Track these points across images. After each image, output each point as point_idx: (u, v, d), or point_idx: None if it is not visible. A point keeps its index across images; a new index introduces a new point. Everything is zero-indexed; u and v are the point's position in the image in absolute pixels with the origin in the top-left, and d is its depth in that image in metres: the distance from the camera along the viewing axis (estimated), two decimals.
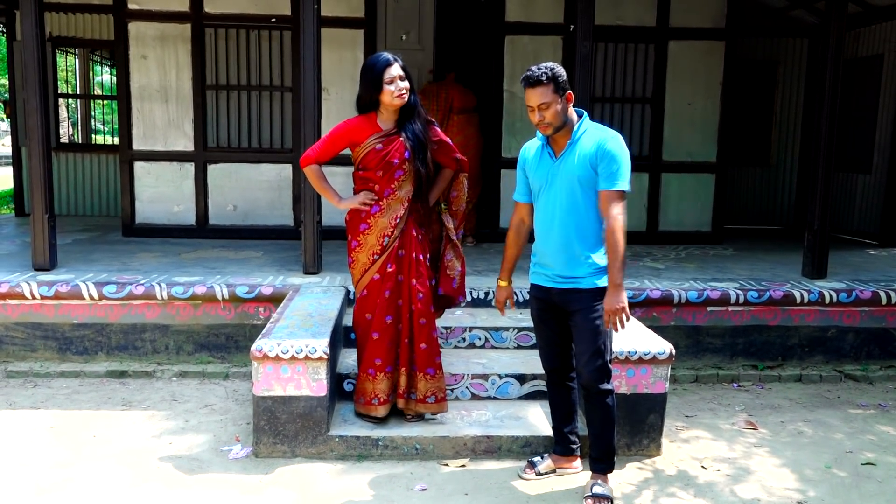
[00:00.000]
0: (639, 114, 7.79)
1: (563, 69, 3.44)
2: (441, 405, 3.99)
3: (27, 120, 5.46)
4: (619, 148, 3.35)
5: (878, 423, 4.58)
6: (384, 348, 3.91)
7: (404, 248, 3.91)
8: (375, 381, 3.93)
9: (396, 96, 3.76)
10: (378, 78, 3.77)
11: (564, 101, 3.39)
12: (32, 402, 4.63)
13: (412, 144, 3.83)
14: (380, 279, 3.90)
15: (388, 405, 3.97)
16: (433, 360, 3.94)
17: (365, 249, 3.91)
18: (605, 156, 3.33)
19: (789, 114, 9.30)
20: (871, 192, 8.31)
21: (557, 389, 3.70)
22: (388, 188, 3.86)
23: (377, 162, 3.83)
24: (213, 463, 3.83)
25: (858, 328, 5.55)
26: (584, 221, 3.40)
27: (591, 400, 3.50)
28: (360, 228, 3.91)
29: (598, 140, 3.36)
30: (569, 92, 3.41)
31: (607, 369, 3.46)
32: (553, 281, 3.50)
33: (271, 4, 7.35)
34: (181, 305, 5.24)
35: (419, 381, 3.94)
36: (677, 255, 7.04)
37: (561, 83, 3.39)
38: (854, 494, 3.64)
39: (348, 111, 7.25)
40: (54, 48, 9.22)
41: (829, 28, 5.83)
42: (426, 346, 3.92)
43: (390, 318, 3.91)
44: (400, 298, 3.92)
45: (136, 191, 7.58)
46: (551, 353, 3.65)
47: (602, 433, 3.50)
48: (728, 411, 4.74)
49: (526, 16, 7.49)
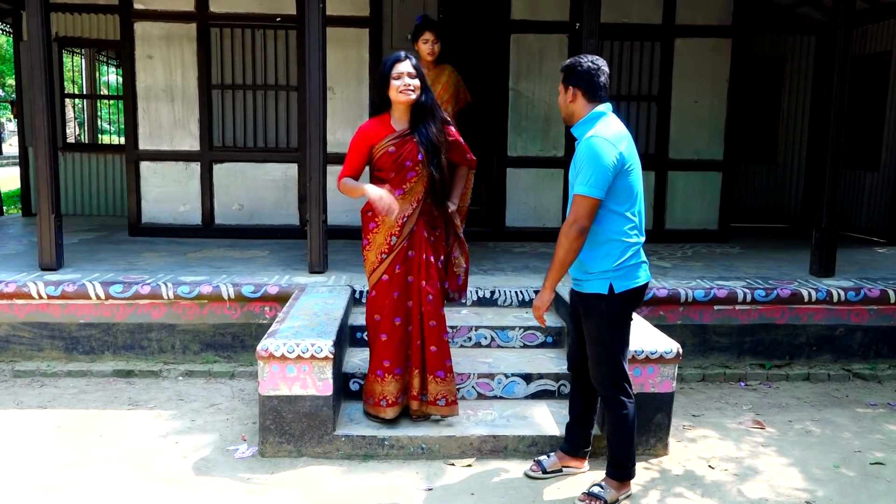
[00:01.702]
0: (645, 112, 7.77)
1: (582, 65, 3.34)
2: (451, 408, 3.97)
3: (34, 120, 5.47)
4: (586, 151, 3.24)
5: (886, 422, 4.55)
6: (393, 350, 3.89)
7: (413, 248, 3.89)
8: (384, 383, 3.92)
9: (400, 91, 3.74)
10: (387, 74, 3.76)
11: (568, 95, 3.37)
12: (39, 402, 4.64)
13: (425, 147, 3.80)
14: (388, 280, 3.88)
15: (398, 407, 3.96)
16: (443, 363, 3.92)
17: (374, 248, 3.90)
18: (575, 158, 3.32)
19: (796, 111, 9.26)
20: (878, 189, 8.26)
21: (576, 390, 3.70)
22: (400, 188, 3.84)
23: (390, 164, 3.81)
24: (220, 462, 3.83)
25: (867, 327, 5.52)
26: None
27: (603, 403, 3.50)
28: (370, 227, 3.91)
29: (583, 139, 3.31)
30: (570, 89, 3.35)
31: (611, 379, 3.39)
32: (573, 284, 3.51)
33: (277, 4, 7.36)
34: (187, 305, 5.24)
35: (430, 384, 3.93)
36: (684, 254, 7.01)
37: (568, 74, 3.36)
38: (863, 494, 3.62)
39: (354, 110, 7.36)
40: (60, 48, 9.25)
41: (836, 24, 5.79)
42: (436, 348, 3.91)
43: (399, 320, 3.89)
44: (410, 300, 3.91)
45: (142, 190, 7.59)
46: (573, 354, 3.66)
47: (611, 439, 3.47)
48: (735, 410, 4.72)
49: (531, 14, 7.48)
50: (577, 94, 3.35)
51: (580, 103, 3.36)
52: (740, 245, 7.58)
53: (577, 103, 3.36)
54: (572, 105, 3.38)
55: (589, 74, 3.32)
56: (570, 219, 3.25)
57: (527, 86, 7.52)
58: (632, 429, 3.44)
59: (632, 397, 3.43)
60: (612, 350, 3.37)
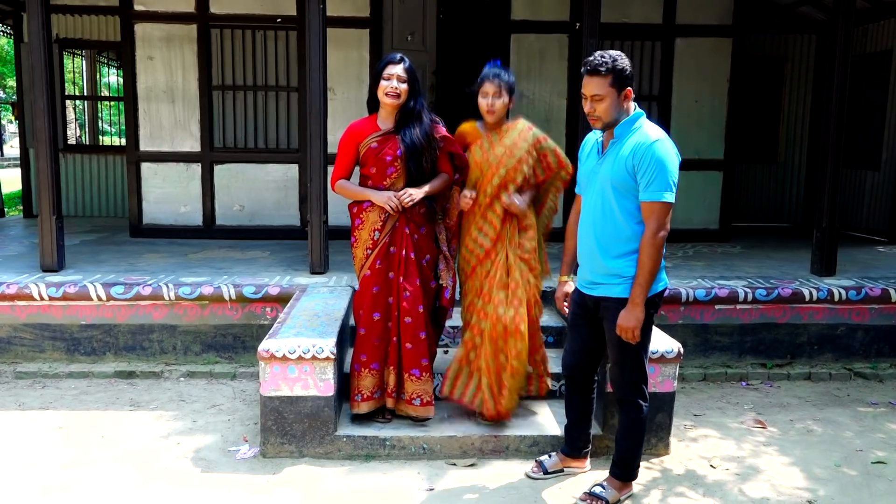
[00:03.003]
0: (645, 111, 7.74)
1: (627, 62, 3.14)
2: (427, 409, 3.94)
3: (35, 121, 5.47)
4: (659, 153, 3.05)
5: (888, 421, 4.55)
6: (370, 345, 3.91)
7: (395, 245, 3.90)
8: (360, 377, 3.93)
9: (386, 93, 3.78)
10: (378, 73, 3.82)
11: (621, 98, 3.14)
12: (41, 403, 4.64)
13: (406, 145, 3.83)
14: (370, 275, 3.91)
15: (372, 402, 3.96)
16: (419, 362, 3.90)
17: (360, 244, 3.94)
18: (642, 162, 3.07)
19: (797, 111, 9.26)
20: (879, 188, 8.26)
21: (573, 393, 3.66)
22: (381, 184, 3.88)
23: (372, 159, 3.86)
24: (221, 463, 3.83)
25: (868, 326, 5.52)
26: (611, 228, 3.21)
27: (618, 405, 3.47)
28: (356, 224, 3.95)
29: (636, 143, 3.11)
30: (628, 88, 3.14)
31: (633, 383, 3.34)
32: (585, 286, 3.40)
33: (277, 5, 7.36)
34: (188, 306, 5.25)
35: (406, 382, 3.93)
36: (685, 253, 7.01)
37: (621, 77, 3.10)
38: (864, 493, 3.61)
39: (354, 111, 7.36)
40: (61, 50, 9.26)
41: (837, 24, 5.79)
42: (411, 346, 3.90)
43: (378, 315, 3.90)
44: (390, 296, 3.92)
45: (143, 191, 7.60)
46: (574, 361, 3.58)
47: (621, 440, 3.44)
48: (737, 410, 4.72)
49: (532, 14, 7.49)
50: (631, 95, 3.17)
51: (631, 103, 3.20)
52: (741, 244, 7.58)
53: (629, 102, 3.19)
54: (625, 105, 3.17)
55: (632, 72, 3.18)
56: (654, 228, 3.07)
57: (527, 86, 7.52)
58: (643, 431, 3.43)
59: (647, 400, 3.41)
60: (638, 353, 3.31)
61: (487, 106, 3.83)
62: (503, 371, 3.86)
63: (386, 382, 3.97)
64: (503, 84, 3.81)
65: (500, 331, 3.84)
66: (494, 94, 3.81)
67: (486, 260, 3.94)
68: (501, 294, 3.88)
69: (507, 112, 3.91)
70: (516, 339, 3.82)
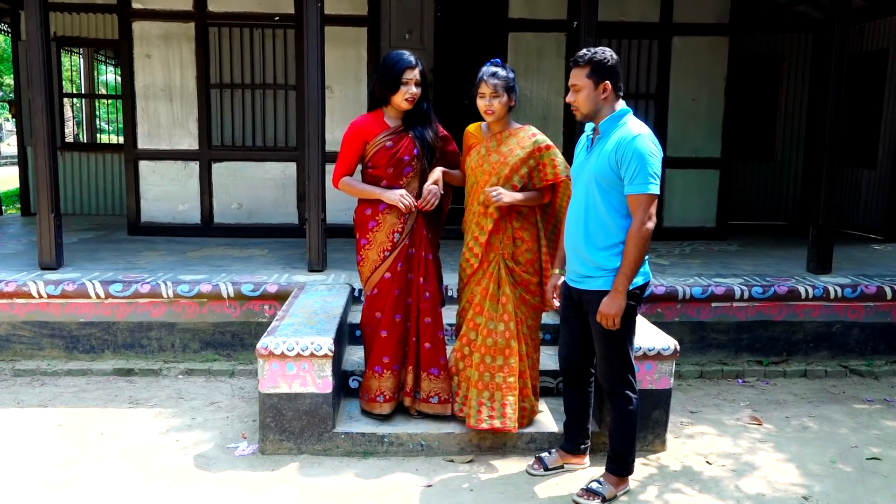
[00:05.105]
0: (643, 110, 7.78)
1: (611, 58, 3.24)
2: (445, 406, 3.98)
3: (32, 119, 5.48)
4: (640, 147, 3.13)
5: (883, 417, 4.57)
6: (393, 346, 3.92)
7: (415, 246, 3.92)
8: (382, 379, 3.94)
9: (406, 99, 3.78)
10: (397, 77, 3.75)
11: (599, 90, 3.22)
12: (40, 401, 4.65)
13: (420, 143, 3.84)
14: (390, 278, 3.90)
15: (394, 403, 3.99)
16: (437, 361, 3.94)
17: (375, 246, 3.91)
18: (625, 156, 3.14)
19: (794, 109, 9.28)
20: (875, 186, 8.29)
21: (571, 389, 3.69)
22: (397, 185, 3.87)
23: (387, 159, 3.83)
24: (220, 460, 3.85)
25: (863, 323, 5.54)
26: (595, 222, 3.26)
27: (608, 399, 3.50)
28: (369, 226, 3.91)
29: (619, 138, 3.18)
30: (605, 82, 3.22)
31: (620, 375, 3.38)
32: (572, 279, 3.44)
33: (275, 3, 7.36)
34: (187, 303, 5.26)
35: (423, 381, 3.96)
36: (682, 251, 7.03)
37: (598, 69, 3.20)
38: (859, 489, 3.64)
39: (352, 109, 7.37)
40: (59, 48, 9.25)
41: (833, 22, 5.81)
42: (430, 345, 3.93)
43: (399, 317, 3.92)
44: (409, 297, 3.94)
45: (141, 190, 7.60)
46: (568, 354, 3.61)
47: (614, 434, 3.47)
48: (733, 407, 4.74)
49: (529, 12, 7.50)
50: (609, 89, 3.25)
51: (611, 98, 3.27)
52: (738, 242, 7.60)
53: (609, 98, 3.26)
54: (605, 100, 3.26)
55: (617, 68, 3.26)
56: (640, 219, 3.14)
57: (525, 84, 7.52)
58: (635, 424, 3.46)
59: (637, 392, 3.45)
60: (623, 345, 3.35)
61: (485, 107, 3.77)
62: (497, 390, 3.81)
63: (404, 382, 3.99)
64: (500, 84, 3.72)
65: (490, 345, 3.82)
66: (492, 95, 3.73)
67: (479, 269, 3.88)
68: (491, 307, 3.82)
69: (508, 111, 3.85)
70: (506, 354, 3.81)
